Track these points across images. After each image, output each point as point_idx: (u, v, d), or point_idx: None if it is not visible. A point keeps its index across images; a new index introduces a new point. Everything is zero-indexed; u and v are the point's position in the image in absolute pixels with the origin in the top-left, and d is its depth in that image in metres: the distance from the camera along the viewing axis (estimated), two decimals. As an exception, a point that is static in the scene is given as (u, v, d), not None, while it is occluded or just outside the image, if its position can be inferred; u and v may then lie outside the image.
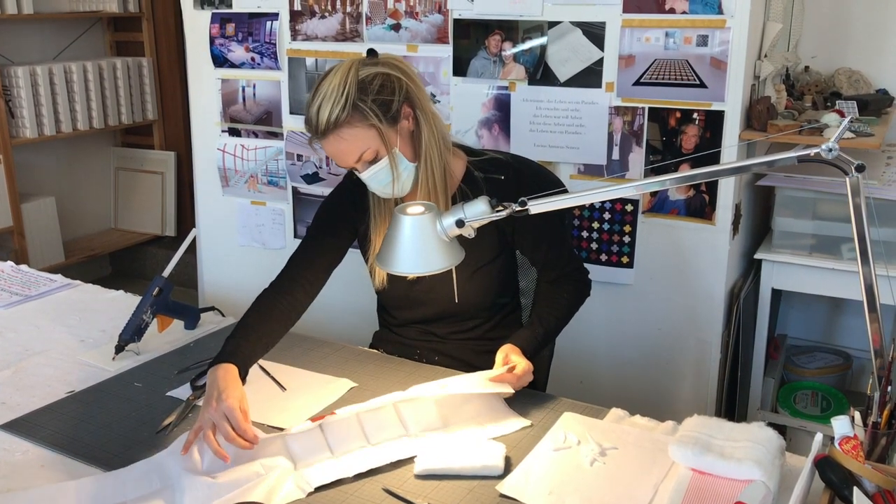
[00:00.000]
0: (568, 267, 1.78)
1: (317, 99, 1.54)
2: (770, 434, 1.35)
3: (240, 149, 2.93)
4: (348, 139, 1.54)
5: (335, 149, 1.57)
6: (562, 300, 1.76)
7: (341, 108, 1.51)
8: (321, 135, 1.55)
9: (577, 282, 1.79)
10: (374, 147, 1.56)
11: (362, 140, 1.55)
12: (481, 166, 1.71)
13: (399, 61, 1.61)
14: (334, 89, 1.52)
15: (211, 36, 2.86)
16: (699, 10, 2.17)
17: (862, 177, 1.22)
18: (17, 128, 3.77)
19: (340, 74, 1.54)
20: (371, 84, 1.54)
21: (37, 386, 1.68)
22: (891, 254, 2.26)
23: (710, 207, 2.30)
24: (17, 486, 1.34)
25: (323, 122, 1.53)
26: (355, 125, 1.53)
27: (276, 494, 1.31)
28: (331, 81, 1.54)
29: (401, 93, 1.57)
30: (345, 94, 1.51)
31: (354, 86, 1.52)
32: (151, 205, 4.49)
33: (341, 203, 1.78)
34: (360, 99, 1.52)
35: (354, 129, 1.54)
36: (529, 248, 1.76)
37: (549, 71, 2.38)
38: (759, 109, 2.27)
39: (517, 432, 1.48)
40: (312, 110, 1.54)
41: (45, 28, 4.07)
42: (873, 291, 1.24)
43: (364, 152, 1.56)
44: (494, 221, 1.69)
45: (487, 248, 1.73)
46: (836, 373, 2.84)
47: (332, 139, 1.55)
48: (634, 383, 2.50)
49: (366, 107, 1.53)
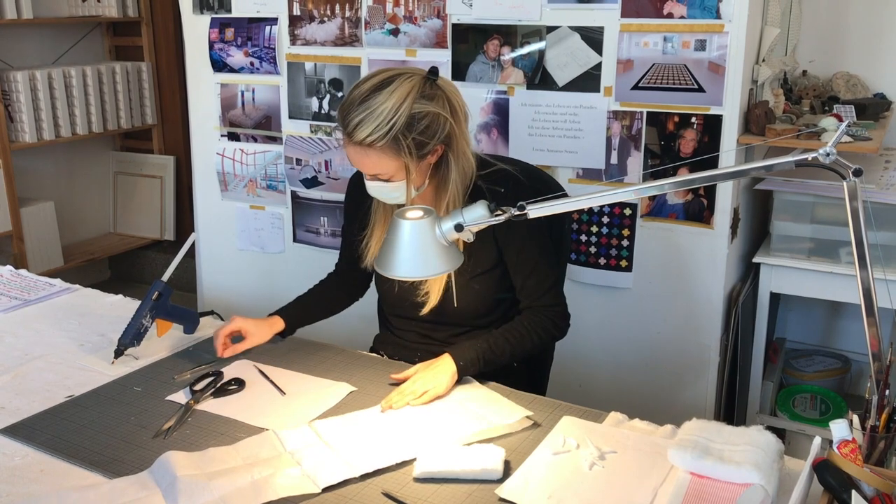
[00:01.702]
0: (542, 300, 1.75)
1: (363, 109, 1.53)
2: (769, 438, 1.35)
3: (239, 153, 2.93)
4: (373, 159, 1.57)
5: (357, 158, 1.59)
6: (521, 328, 1.73)
7: (382, 135, 1.53)
8: (350, 139, 1.56)
9: (547, 319, 1.75)
10: (392, 173, 1.59)
11: (386, 165, 1.58)
12: (488, 178, 1.71)
13: (454, 96, 1.62)
14: (384, 112, 1.52)
15: (210, 40, 2.86)
16: (697, 14, 2.17)
17: (859, 181, 1.22)
18: (16, 132, 3.78)
19: (396, 99, 1.53)
20: (419, 123, 1.55)
21: (36, 390, 1.68)
22: (889, 258, 2.27)
23: (709, 211, 2.30)
24: (16, 491, 1.34)
25: (358, 136, 1.54)
26: (387, 153, 1.55)
27: (283, 487, 1.32)
28: (385, 101, 1.52)
29: (441, 135, 1.59)
30: (390, 124, 1.52)
31: (404, 119, 1.53)
32: (150, 209, 4.49)
33: (350, 204, 1.89)
34: (402, 134, 1.53)
35: (384, 155, 1.56)
36: (512, 265, 1.75)
37: (547, 75, 2.38)
38: (757, 113, 2.28)
39: (517, 435, 1.48)
40: (354, 118, 1.54)
41: (44, 33, 4.08)
42: (871, 295, 1.24)
43: (382, 174, 1.59)
44: (493, 234, 1.70)
45: (486, 256, 1.74)
46: (835, 376, 2.84)
47: (358, 149, 1.57)
48: (634, 387, 2.50)
49: (404, 143, 1.54)
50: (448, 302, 1.76)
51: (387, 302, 1.91)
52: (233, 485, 1.31)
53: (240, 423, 1.54)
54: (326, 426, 1.50)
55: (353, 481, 1.35)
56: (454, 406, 1.57)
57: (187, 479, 1.31)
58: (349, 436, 1.47)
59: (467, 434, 1.47)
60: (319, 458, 1.39)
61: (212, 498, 1.28)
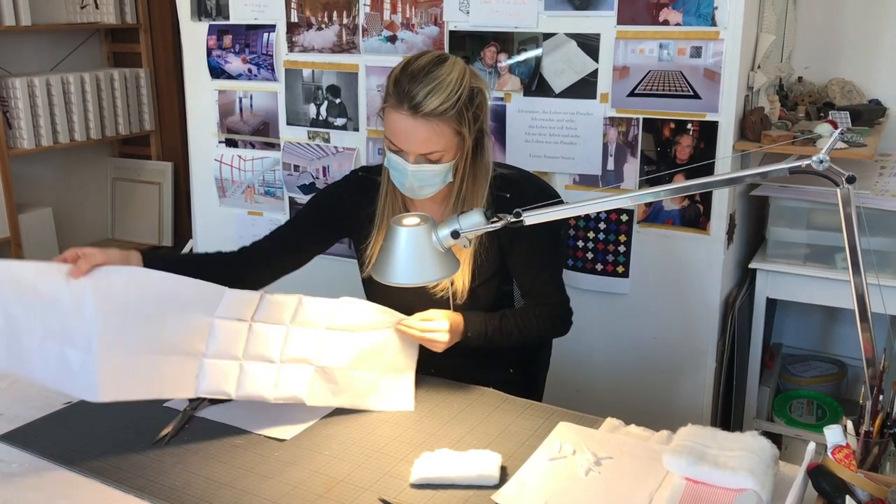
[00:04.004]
0: (552, 298, 1.78)
1: (430, 80, 1.52)
2: (764, 443, 1.36)
3: (237, 159, 2.94)
4: (437, 132, 1.54)
5: (417, 133, 1.54)
6: (532, 316, 1.76)
7: (452, 104, 1.52)
8: (413, 112, 1.52)
9: (556, 315, 1.80)
10: (448, 151, 1.57)
11: (446, 140, 1.55)
12: (492, 183, 1.71)
13: (486, 85, 1.63)
14: (454, 82, 1.53)
15: (208, 47, 2.87)
16: (693, 21, 2.19)
17: (853, 187, 1.23)
18: (14, 139, 3.78)
19: (459, 72, 1.55)
20: (476, 97, 1.57)
21: (34, 397, 1.68)
22: (883, 263, 2.28)
23: (705, 217, 2.31)
24: (13, 498, 1.34)
25: (430, 105, 1.51)
26: (451, 125, 1.55)
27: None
28: (450, 72, 1.53)
29: (487, 114, 1.61)
30: (459, 93, 1.53)
31: (468, 91, 1.55)
32: (149, 215, 4.50)
33: (335, 205, 1.79)
34: (465, 106, 1.54)
35: (448, 128, 1.55)
36: (520, 271, 1.77)
37: (544, 82, 2.39)
38: (752, 120, 2.29)
39: (513, 441, 1.49)
40: (420, 89, 1.51)
41: (42, 39, 4.08)
42: (865, 301, 1.25)
43: (436, 152, 1.56)
44: (498, 240, 1.70)
45: (489, 263, 1.73)
46: (832, 381, 2.85)
47: (421, 122, 1.53)
48: (630, 392, 2.51)
49: (467, 115, 1.55)
50: (449, 306, 1.75)
51: None
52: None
53: (238, 430, 1.54)
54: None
55: (348, 487, 1.35)
56: (368, 356, 1.61)
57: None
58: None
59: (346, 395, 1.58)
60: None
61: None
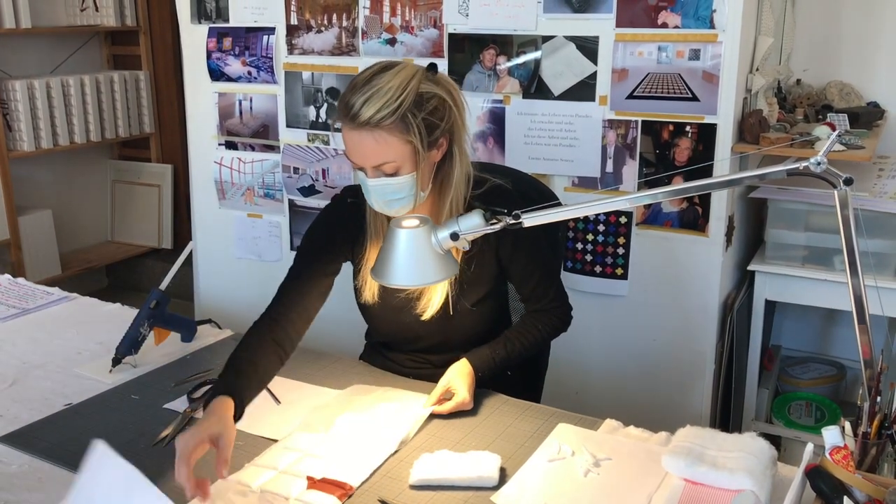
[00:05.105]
0: (553, 303, 1.77)
1: (367, 89, 1.46)
2: (762, 444, 1.36)
3: (236, 162, 2.94)
4: (381, 143, 1.47)
5: (362, 145, 1.48)
6: (535, 331, 1.75)
7: (391, 111, 1.45)
8: (355, 124, 1.46)
9: (556, 318, 1.78)
10: (399, 163, 1.49)
11: (394, 151, 1.48)
12: (484, 197, 1.65)
13: (455, 89, 1.56)
14: (392, 89, 1.45)
15: (208, 50, 2.88)
16: (691, 24, 2.19)
17: (851, 189, 1.24)
18: (14, 141, 3.79)
19: (403, 77, 1.47)
20: (428, 102, 1.49)
21: (34, 399, 1.69)
22: (881, 265, 2.28)
23: (704, 219, 2.32)
24: (15, 500, 1.35)
25: (365, 115, 1.44)
26: (395, 134, 1.46)
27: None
28: (390, 80, 1.46)
29: (448, 123, 1.53)
30: (399, 100, 1.45)
31: (412, 96, 1.46)
32: (148, 217, 4.50)
33: (332, 230, 1.74)
34: (411, 112, 1.46)
35: (392, 137, 1.47)
36: (518, 279, 1.75)
37: (543, 85, 2.40)
38: (751, 122, 2.29)
39: (512, 442, 1.49)
40: (357, 98, 1.46)
41: (42, 42, 4.09)
42: (862, 303, 1.26)
43: (388, 163, 1.49)
44: (493, 250, 1.70)
45: (488, 277, 1.71)
46: (830, 383, 2.85)
47: (365, 134, 1.46)
48: (630, 394, 2.51)
49: (414, 122, 1.46)
50: (445, 330, 1.74)
51: (380, 332, 1.86)
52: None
53: (237, 431, 1.54)
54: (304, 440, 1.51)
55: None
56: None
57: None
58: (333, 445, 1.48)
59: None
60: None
61: None
